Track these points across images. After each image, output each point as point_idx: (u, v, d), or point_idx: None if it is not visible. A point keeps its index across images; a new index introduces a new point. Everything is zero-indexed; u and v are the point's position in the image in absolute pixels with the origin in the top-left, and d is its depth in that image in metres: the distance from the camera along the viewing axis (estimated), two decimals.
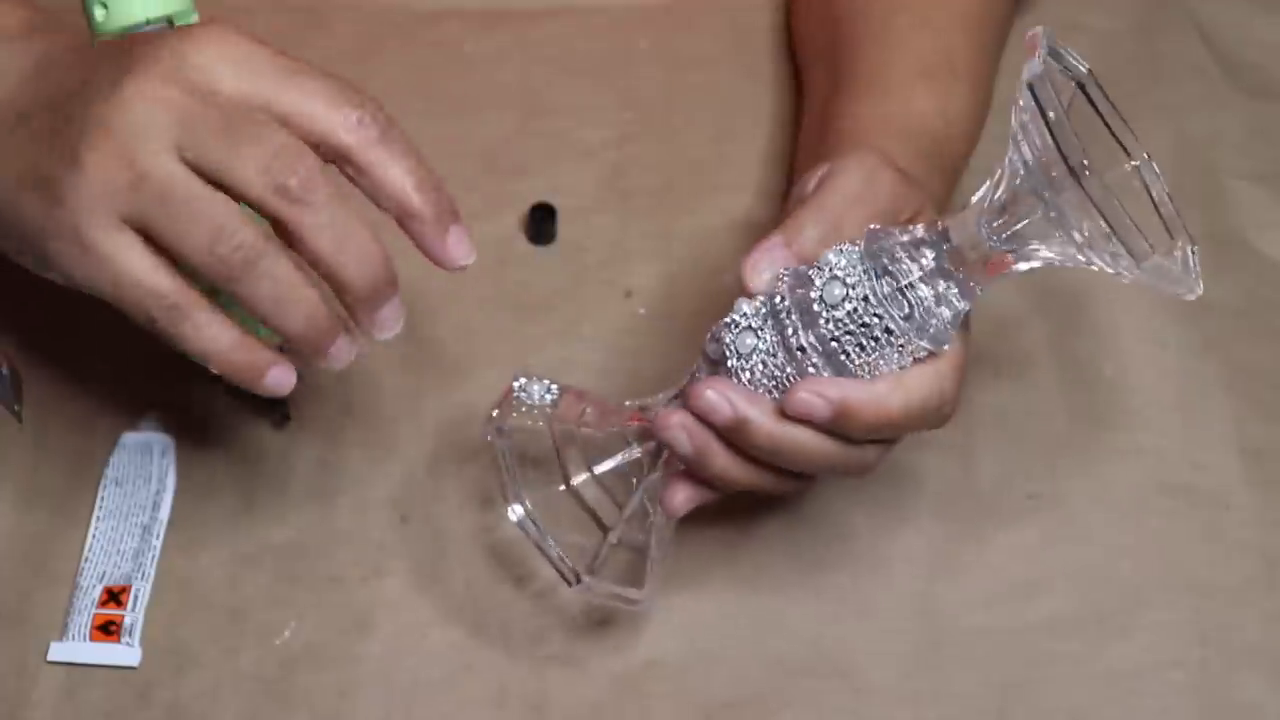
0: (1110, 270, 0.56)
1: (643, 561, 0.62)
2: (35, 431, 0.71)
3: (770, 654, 0.66)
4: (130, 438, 0.70)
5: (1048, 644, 0.66)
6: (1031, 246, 0.57)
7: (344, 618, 0.66)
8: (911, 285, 0.57)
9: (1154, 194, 0.58)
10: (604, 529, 0.63)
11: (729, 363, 0.59)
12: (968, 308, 0.58)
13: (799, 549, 0.69)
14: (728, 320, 0.60)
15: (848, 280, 0.57)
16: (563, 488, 0.63)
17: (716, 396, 0.58)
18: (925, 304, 0.57)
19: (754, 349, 0.58)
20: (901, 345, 0.57)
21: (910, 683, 0.65)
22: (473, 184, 0.80)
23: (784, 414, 0.58)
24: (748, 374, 0.59)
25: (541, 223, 0.78)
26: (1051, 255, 0.57)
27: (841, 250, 0.58)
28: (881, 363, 0.58)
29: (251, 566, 0.67)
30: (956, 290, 0.57)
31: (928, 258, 0.57)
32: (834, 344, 0.57)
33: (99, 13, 0.65)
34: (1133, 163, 0.58)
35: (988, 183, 0.57)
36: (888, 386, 0.58)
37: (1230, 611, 0.67)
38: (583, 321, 0.75)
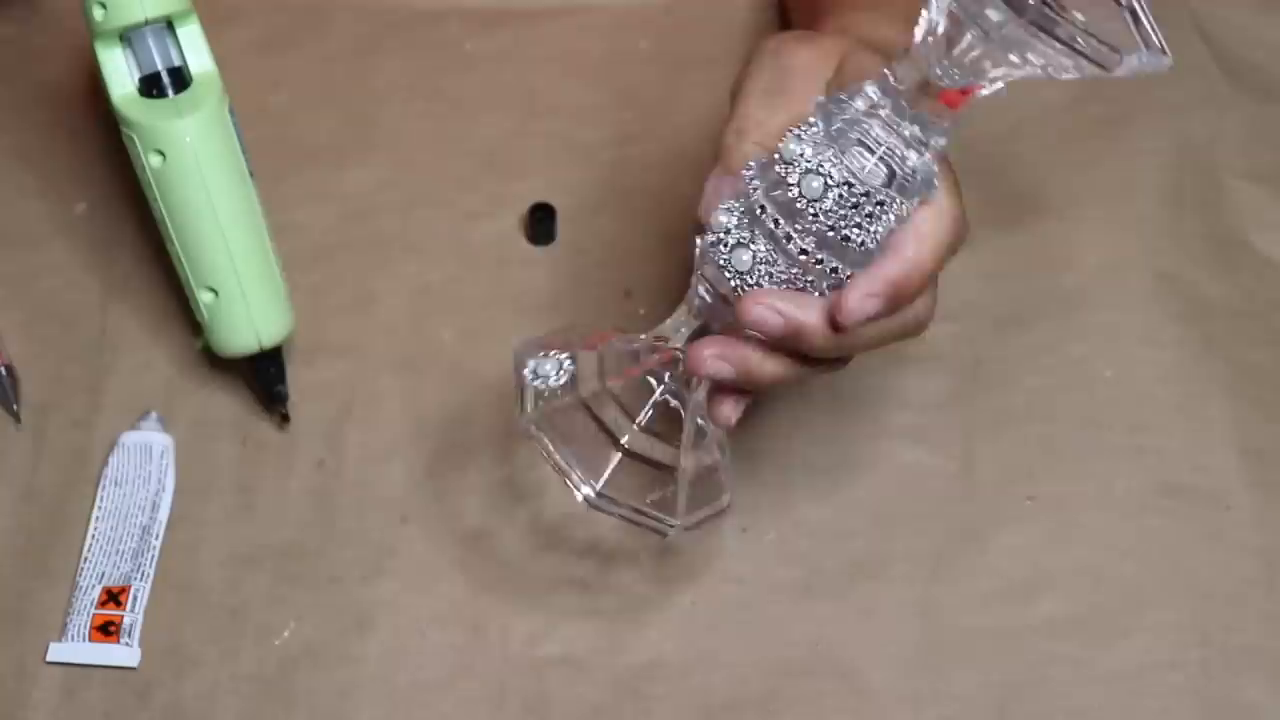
0: (1082, 76, 0.53)
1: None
2: (35, 431, 0.71)
3: (770, 655, 0.66)
4: (130, 437, 0.70)
5: (1047, 645, 0.66)
6: (991, 74, 0.54)
7: (344, 618, 0.66)
8: (889, 150, 0.55)
9: None
10: (668, 469, 0.61)
11: (730, 283, 0.57)
12: (945, 142, 0.56)
13: (799, 549, 0.69)
14: (713, 240, 0.57)
15: (822, 169, 0.55)
16: (618, 454, 0.61)
17: (765, 310, 0.56)
18: (906, 162, 0.55)
19: (752, 263, 0.56)
20: (898, 208, 0.56)
21: (910, 683, 0.65)
22: (473, 184, 0.80)
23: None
24: (755, 288, 0.57)
25: (541, 223, 0.78)
26: (1017, 74, 0.54)
27: (802, 137, 0.56)
28: (882, 230, 0.56)
29: (251, 566, 0.67)
30: (929, 132, 0.55)
31: (888, 112, 0.55)
32: (832, 234, 0.56)
33: (98, 13, 0.65)
34: None
35: (923, 15, 0.54)
36: (913, 246, 0.57)
37: (1230, 612, 0.67)
38: (583, 321, 0.75)
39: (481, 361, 0.73)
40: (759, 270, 0.57)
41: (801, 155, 0.56)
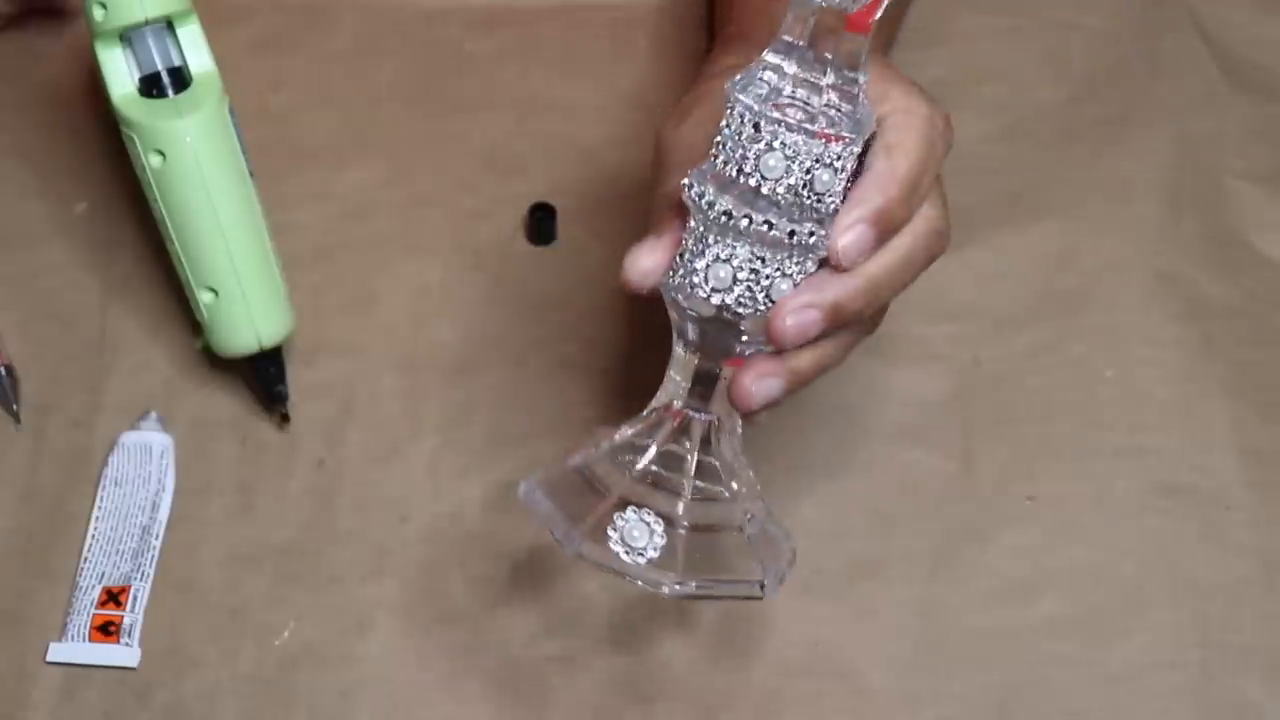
0: None
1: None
2: (35, 431, 0.71)
3: (770, 655, 0.66)
4: (130, 437, 0.70)
5: (1047, 645, 0.66)
6: None
7: (344, 618, 0.66)
8: (810, 112, 0.53)
9: None
10: (729, 528, 0.58)
11: (721, 300, 0.54)
12: (865, 77, 0.53)
13: (798, 549, 0.69)
14: (682, 273, 0.55)
15: (773, 145, 0.53)
16: (683, 532, 0.57)
17: (796, 314, 0.54)
18: (839, 109, 0.53)
19: (733, 275, 0.54)
20: (851, 152, 0.53)
21: (910, 683, 0.65)
22: (473, 184, 0.80)
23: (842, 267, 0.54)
24: (759, 294, 0.54)
25: (541, 223, 0.78)
26: None
27: (739, 133, 0.53)
28: (847, 178, 0.54)
29: (251, 566, 0.67)
30: (845, 74, 0.53)
31: (797, 70, 0.53)
32: (806, 205, 0.53)
33: (98, 13, 0.65)
34: None
35: None
36: (884, 162, 0.55)
37: (1229, 612, 0.67)
38: (583, 321, 0.75)
39: (481, 361, 0.73)
40: (743, 275, 0.54)
41: (755, 152, 0.53)
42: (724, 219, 0.54)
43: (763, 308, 0.54)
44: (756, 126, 0.53)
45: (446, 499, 0.69)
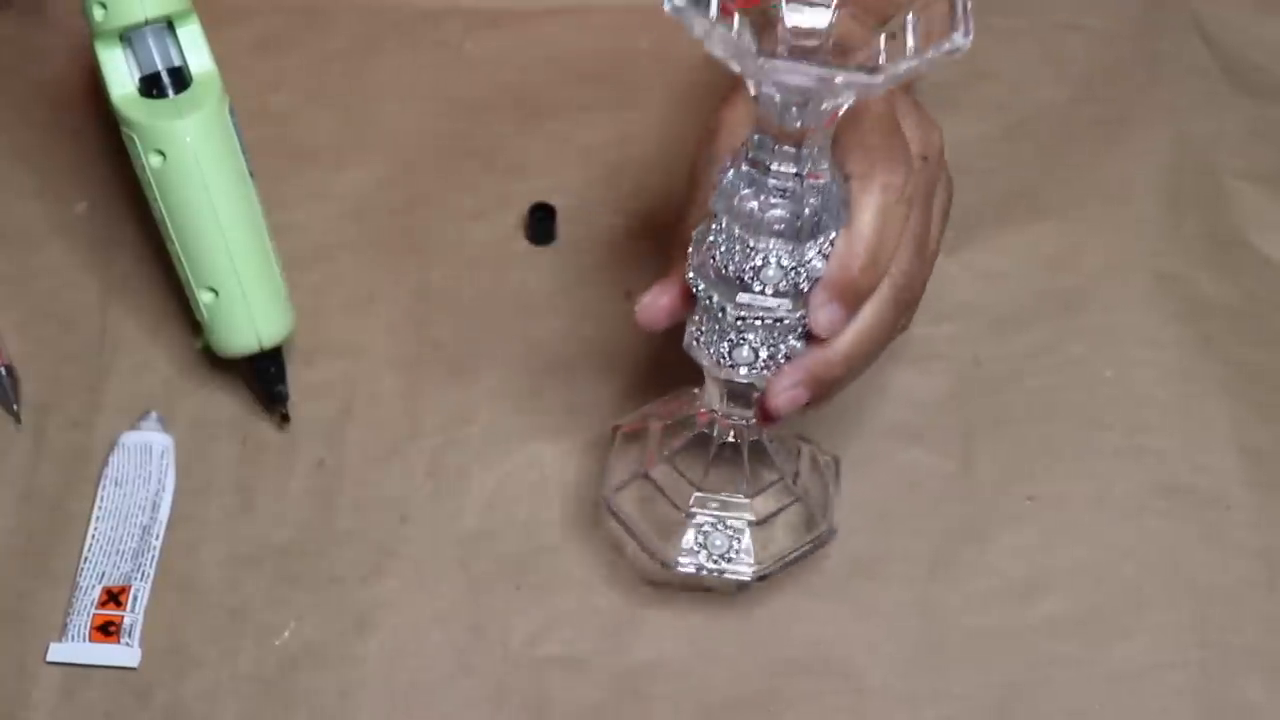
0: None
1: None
2: (35, 431, 0.71)
3: (770, 654, 0.66)
4: (130, 437, 0.70)
5: (1048, 645, 0.66)
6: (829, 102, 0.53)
7: (344, 618, 0.66)
8: (794, 210, 0.55)
9: None
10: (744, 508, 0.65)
11: (749, 373, 0.59)
12: (826, 162, 0.55)
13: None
14: (704, 340, 0.59)
15: (773, 263, 0.56)
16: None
17: (785, 393, 0.58)
18: (819, 198, 0.55)
19: (755, 354, 0.58)
20: (824, 245, 0.56)
21: (910, 683, 0.65)
22: (473, 184, 0.80)
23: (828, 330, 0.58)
24: (780, 360, 0.59)
25: (541, 223, 0.78)
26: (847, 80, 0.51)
27: (732, 250, 0.56)
28: (822, 261, 0.57)
29: (251, 566, 0.67)
30: (807, 162, 0.55)
31: (771, 166, 0.55)
32: (805, 291, 0.57)
33: (98, 13, 0.65)
34: None
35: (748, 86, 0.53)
36: (843, 240, 0.57)
37: (1230, 613, 0.67)
38: (583, 321, 0.75)
39: (481, 361, 0.73)
40: (764, 353, 0.58)
41: (737, 252, 0.56)
42: (738, 322, 0.57)
43: (783, 361, 0.59)
44: (746, 244, 0.56)
45: (446, 499, 0.69)
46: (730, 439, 0.65)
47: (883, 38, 0.53)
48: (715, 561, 0.64)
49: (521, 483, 0.70)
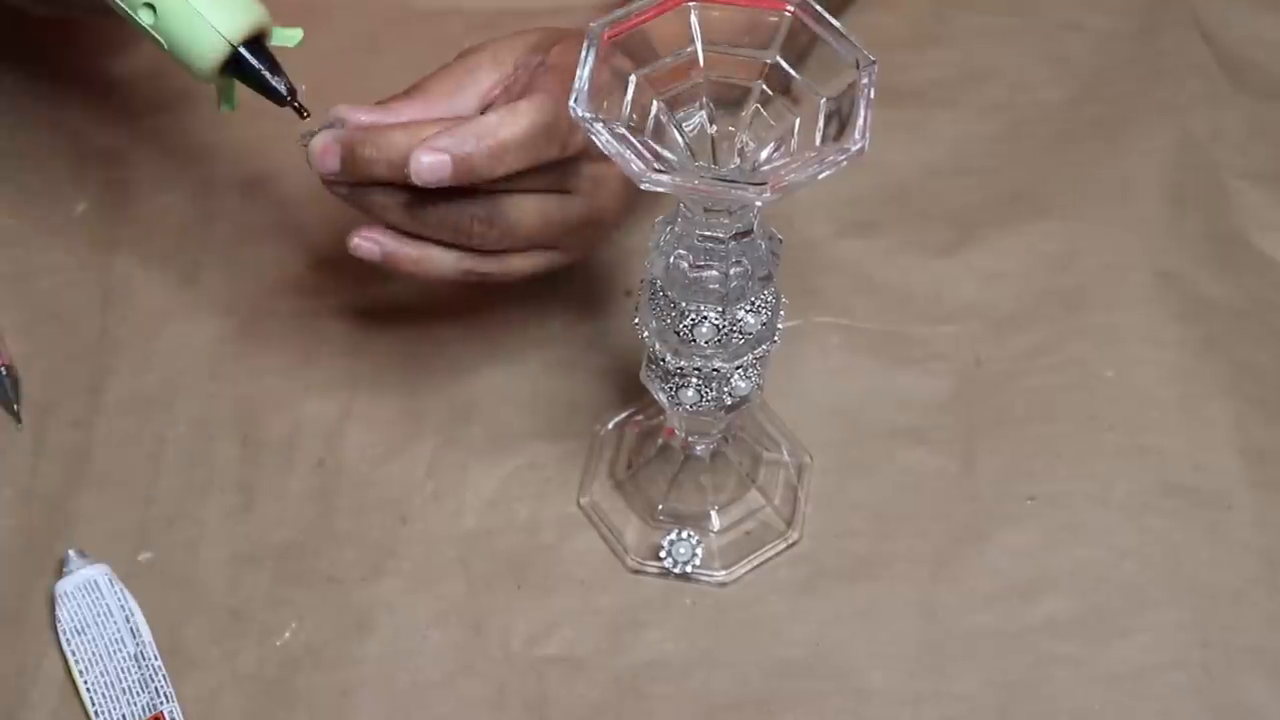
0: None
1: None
2: (35, 431, 0.71)
3: (771, 655, 0.66)
4: (65, 585, 0.65)
5: (1049, 645, 0.66)
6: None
7: (344, 618, 0.66)
8: (720, 270, 0.57)
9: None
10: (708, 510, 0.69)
11: (696, 407, 0.62)
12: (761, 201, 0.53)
13: (800, 549, 0.69)
14: (662, 401, 0.62)
15: (705, 323, 0.58)
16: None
17: (430, 160, 0.61)
18: (746, 256, 0.57)
19: (700, 394, 0.61)
20: (770, 289, 0.59)
21: (911, 684, 0.65)
22: None
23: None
24: (725, 398, 0.62)
25: None
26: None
27: (667, 311, 0.59)
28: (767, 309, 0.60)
29: (251, 566, 0.67)
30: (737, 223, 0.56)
31: (697, 232, 0.57)
32: (739, 344, 0.59)
33: (146, 16, 0.62)
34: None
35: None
36: (496, 114, 0.61)
37: (1232, 613, 0.67)
38: (583, 321, 0.75)
39: (481, 361, 0.73)
40: (708, 392, 0.61)
41: (673, 314, 0.59)
42: (679, 370, 0.60)
43: (728, 400, 0.61)
44: (679, 305, 0.58)
45: (446, 499, 0.69)
46: (696, 451, 0.67)
47: (770, 146, 0.55)
48: (681, 569, 0.67)
49: (521, 483, 0.70)
